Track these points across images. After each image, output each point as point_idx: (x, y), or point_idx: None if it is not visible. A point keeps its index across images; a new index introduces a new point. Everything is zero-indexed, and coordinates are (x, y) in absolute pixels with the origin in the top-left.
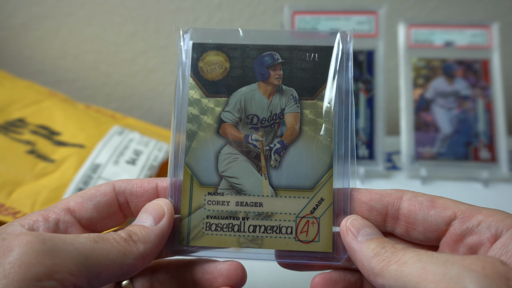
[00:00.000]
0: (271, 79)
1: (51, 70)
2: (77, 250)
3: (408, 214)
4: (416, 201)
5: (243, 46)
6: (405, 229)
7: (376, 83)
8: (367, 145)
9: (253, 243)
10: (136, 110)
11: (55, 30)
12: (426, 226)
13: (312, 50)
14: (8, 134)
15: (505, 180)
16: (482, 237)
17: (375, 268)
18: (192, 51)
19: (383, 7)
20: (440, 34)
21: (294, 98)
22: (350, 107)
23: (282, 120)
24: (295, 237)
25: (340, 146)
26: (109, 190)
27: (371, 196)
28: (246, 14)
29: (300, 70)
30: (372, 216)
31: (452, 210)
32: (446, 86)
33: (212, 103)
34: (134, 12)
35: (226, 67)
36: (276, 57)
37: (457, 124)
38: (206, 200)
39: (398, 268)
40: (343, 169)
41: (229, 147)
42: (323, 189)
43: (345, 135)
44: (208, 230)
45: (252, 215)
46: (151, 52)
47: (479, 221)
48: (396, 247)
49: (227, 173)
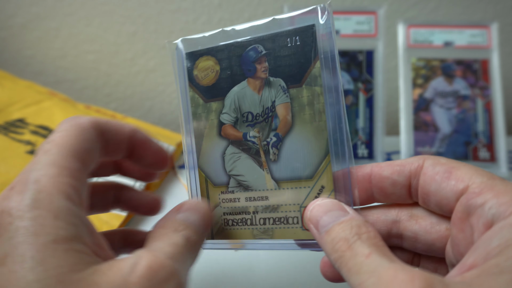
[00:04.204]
0: (258, 73)
1: (51, 70)
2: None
3: (424, 184)
4: (434, 170)
5: (228, 45)
6: (423, 200)
7: (376, 83)
8: (367, 145)
9: (265, 234)
10: (136, 110)
11: (55, 30)
12: (438, 199)
13: (293, 34)
14: (9, 134)
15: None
16: (479, 220)
17: (336, 266)
18: (186, 61)
19: (383, 7)
20: (440, 34)
21: (282, 88)
22: (339, 85)
23: (274, 113)
24: (301, 227)
25: (335, 130)
26: (97, 134)
27: (393, 169)
28: (246, 14)
29: (284, 58)
30: (397, 190)
31: (466, 183)
32: (445, 86)
33: (211, 107)
34: (134, 12)
35: (217, 70)
36: (260, 49)
37: (456, 124)
38: (221, 199)
39: (346, 275)
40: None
41: (232, 147)
42: (323, 177)
43: (338, 116)
44: (226, 225)
45: (261, 209)
46: (151, 52)
47: (485, 200)
48: (348, 242)
49: (234, 171)
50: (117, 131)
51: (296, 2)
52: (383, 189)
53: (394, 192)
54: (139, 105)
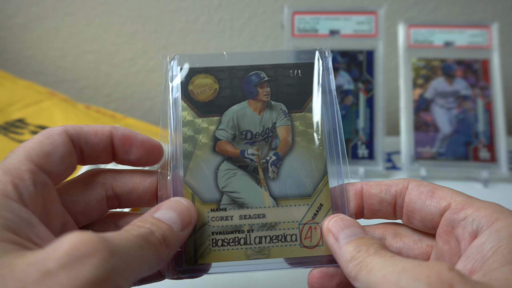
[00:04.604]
0: (259, 96)
1: (51, 70)
2: (132, 260)
3: (409, 202)
4: (418, 190)
5: (230, 67)
6: (407, 218)
7: (376, 83)
8: (367, 145)
9: (261, 254)
10: (136, 110)
11: (55, 30)
12: (423, 215)
13: (295, 67)
14: (8, 134)
15: (505, 180)
16: (465, 231)
17: (351, 273)
18: (181, 76)
19: (383, 7)
20: (440, 34)
21: (283, 112)
22: (336, 115)
23: (274, 134)
24: (300, 244)
25: (332, 153)
26: (65, 139)
27: (381, 188)
28: (246, 14)
29: (286, 86)
30: (383, 207)
31: (448, 201)
32: (446, 86)
33: (205, 123)
34: (134, 12)
35: (216, 88)
36: (262, 75)
37: (456, 124)
38: (210, 217)
39: (366, 275)
40: (337, 173)
41: (227, 163)
42: (321, 195)
43: (335, 141)
44: (214, 246)
45: (257, 227)
46: (151, 52)
47: (466, 214)
48: (369, 251)
49: (228, 188)
50: (95, 133)
51: (296, 2)
52: (371, 206)
53: (380, 209)
54: (139, 105)
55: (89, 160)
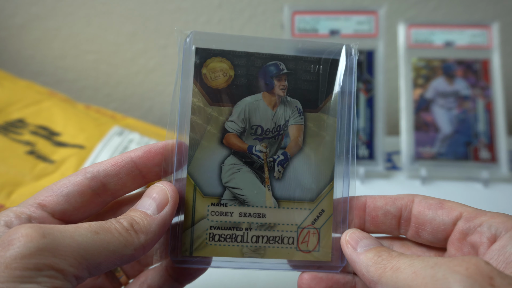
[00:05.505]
0: (276, 89)
1: (51, 70)
2: (76, 243)
3: (418, 214)
4: (426, 203)
5: (248, 54)
6: (416, 230)
7: (376, 83)
8: (367, 145)
9: (256, 253)
10: (136, 110)
11: (55, 30)
12: (435, 225)
13: (317, 62)
14: (8, 134)
15: (505, 180)
16: (482, 236)
17: (374, 276)
18: (195, 56)
19: (383, 7)
20: (440, 34)
21: (298, 110)
22: (352, 121)
23: (286, 132)
24: (296, 247)
25: (342, 159)
26: (80, 179)
27: (386, 200)
28: (246, 14)
29: (304, 82)
30: (388, 220)
31: (459, 210)
32: (446, 86)
33: (215, 112)
34: (134, 12)
35: (231, 75)
36: (282, 67)
37: (457, 124)
38: (210, 211)
39: (393, 274)
40: (343, 182)
41: (233, 158)
42: (324, 201)
43: (346, 148)
44: (211, 240)
45: (255, 226)
46: (151, 52)
47: (481, 221)
48: (391, 255)
49: (231, 183)
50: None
51: (296, 2)
52: (375, 218)
53: (385, 221)
54: (139, 105)
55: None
